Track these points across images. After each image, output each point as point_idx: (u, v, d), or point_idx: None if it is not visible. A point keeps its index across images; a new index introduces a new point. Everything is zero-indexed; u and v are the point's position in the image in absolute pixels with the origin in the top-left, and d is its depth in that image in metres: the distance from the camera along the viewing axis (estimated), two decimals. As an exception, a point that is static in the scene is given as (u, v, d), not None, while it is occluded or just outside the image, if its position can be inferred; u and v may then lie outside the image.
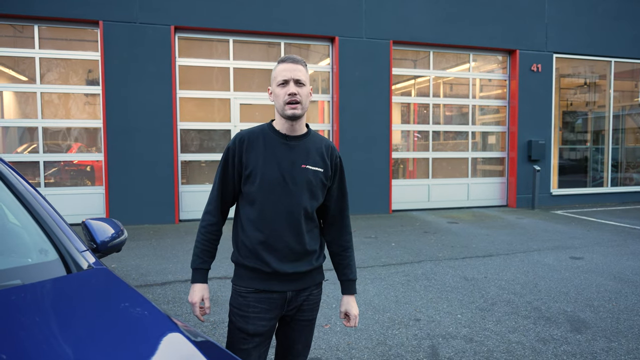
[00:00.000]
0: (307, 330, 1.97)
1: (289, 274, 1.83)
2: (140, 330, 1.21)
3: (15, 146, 8.29)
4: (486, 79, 10.47)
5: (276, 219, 1.81)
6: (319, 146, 1.90)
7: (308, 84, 1.85)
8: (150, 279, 5.08)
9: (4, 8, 7.41)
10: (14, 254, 1.55)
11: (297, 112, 1.79)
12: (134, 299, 1.36)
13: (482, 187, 10.37)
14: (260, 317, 1.82)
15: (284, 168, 1.81)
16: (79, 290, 1.39)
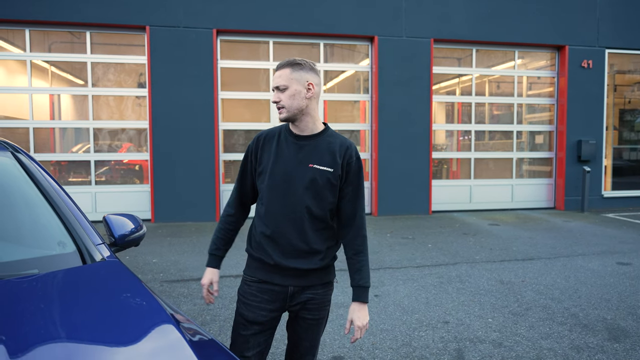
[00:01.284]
0: (313, 329, 1.98)
1: (291, 269, 1.88)
2: (133, 318, 1.29)
3: (71, 146, 8.80)
4: (533, 76, 10.11)
5: (280, 216, 1.87)
6: (333, 146, 1.89)
7: (295, 84, 1.83)
8: (187, 274, 5.26)
9: (60, 16, 7.87)
10: (35, 246, 1.67)
11: (282, 116, 1.85)
12: (135, 290, 1.45)
13: (527, 188, 10.02)
14: (260, 306, 1.89)
15: (290, 167, 1.87)
16: (86, 280, 1.49)
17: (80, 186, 8.44)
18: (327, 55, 9.16)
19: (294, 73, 1.84)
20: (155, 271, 5.36)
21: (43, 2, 7.78)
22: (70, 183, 8.50)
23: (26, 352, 1.07)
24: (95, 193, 8.40)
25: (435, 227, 7.97)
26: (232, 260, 5.80)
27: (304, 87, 1.84)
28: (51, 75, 8.64)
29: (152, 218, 8.34)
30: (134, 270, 5.30)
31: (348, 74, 9.42)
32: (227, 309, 4.18)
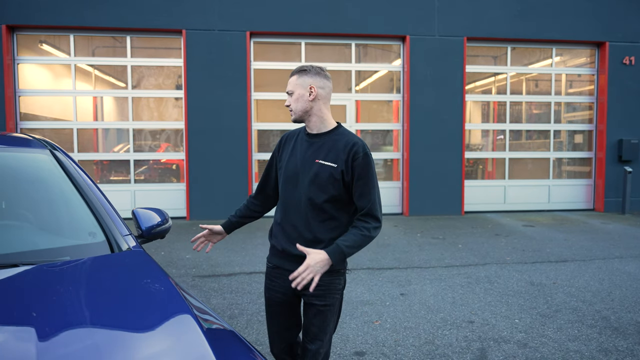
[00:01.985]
0: (321, 315, 2.05)
1: (296, 256, 2.00)
2: (152, 304, 1.40)
3: (113, 146, 9.19)
4: (571, 74, 9.83)
5: (289, 207, 2.07)
6: (339, 143, 2.02)
7: (299, 89, 2.02)
8: (218, 269, 5.43)
9: (103, 21, 8.24)
10: (68, 235, 1.82)
11: (292, 118, 2.08)
12: (155, 277, 1.56)
13: (565, 189, 9.75)
14: (275, 290, 2.13)
15: (300, 162, 2.06)
16: (113, 267, 1.62)
17: (120, 184, 8.80)
18: (361, 55, 9.20)
19: (299, 79, 2.04)
20: (188, 266, 5.55)
21: (87, 9, 8.16)
22: (111, 181, 8.88)
23: (53, 335, 1.17)
24: (134, 191, 8.73)
25: (466, 228, 7.89)
26: (262, 258, 5.94)
27: (306, 91, 2.02)
28: (94, 78, 9.05)
29: (187, 215, 8.61)
30: (168, 265, 5.53)
31: (381, 74, 9.43)
32: (254, 304, 4.30)
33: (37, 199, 1.93)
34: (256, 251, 6.24)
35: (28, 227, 1.83)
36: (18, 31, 8.32)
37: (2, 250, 1.60)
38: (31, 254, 1.62)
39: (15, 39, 8.33)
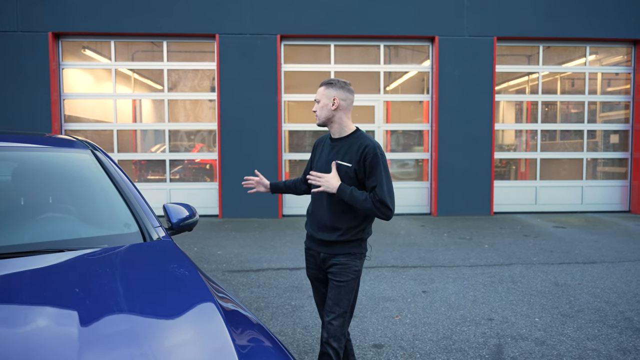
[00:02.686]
0: (336, 290, 2.38)
1: (320, 240, 2.45)
2: (177, 288, 1.59)
3: (150, 146, 9.60)
4: (606, 73, 9.61)
5: (316, 200, 2.49)
6: (354, 146, 2.39)
7: (325, 98, 2.40)
8: (247, 265, 5.65)
9: (141, 28, 8.63)
10: (106, 226, 2.04)
11: (317, 122, 2.48)
12: (182, 264, 1.75)
13: (599, 190, 9.55)
14: (309, 267, 2.60)
15: (324, 162, 2.47)
16: (143, 254, 1.82)
17: (157, 183, 9.19)
18: (392, 56, 9.29)
19: (325, 90, 2.42)
20: (219, 262, 5.80)
21: (126, 16, 8.57)
22: (148, 180, 9.28)
23: (93, 318, 1.33)
24: (169, 190, 9.11)
25: (495, 228, 7.86)
26: (289, 255, 6.14)
27: (330, 101, 2.39)
28: (134, 82, 9.48)
29: (219, 214, 8.91)
30: (200, 260, 5.80)
31: (411, 75, 9.48)
32: (280, 298, 4.49)
33: (79, 194, 2.17)
34: (284, 249, 6.44)
35: (72, 219, 2.06)
36: (63, 38, 8.82)
37: (50, 238, 1.83)
38: (74, 241, 1.84)
39: (60, 46, 8.83)
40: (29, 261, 1.61)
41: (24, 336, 1.23)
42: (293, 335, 3.65)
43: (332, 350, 2.33)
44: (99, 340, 1.25)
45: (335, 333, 2.33)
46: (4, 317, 1.32)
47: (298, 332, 3.70)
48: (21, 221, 1.95)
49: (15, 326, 1.27)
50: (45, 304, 1.40)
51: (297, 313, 4.11)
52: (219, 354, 1.23)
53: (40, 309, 1.38)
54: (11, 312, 1.35)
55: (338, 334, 2.34)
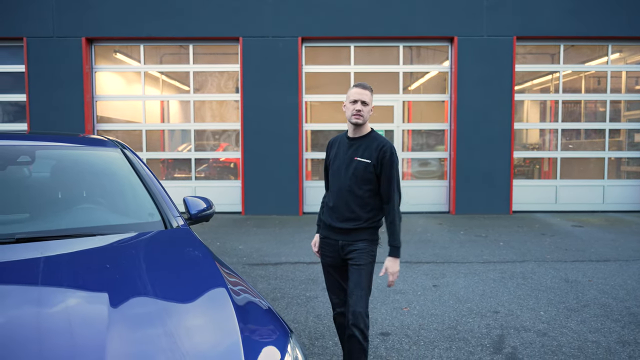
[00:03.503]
0: (356, 273, 2.65)
1: (339, 229, 2.70)
2: (192, 271, 1.85)
3: (177, 146, 10.00)
4: (631, 71, 9.52)
5: (335, 193, 2.72)
6: (373, 144, 2.67)
7: (370, 104, 2.67)
8: (267, 259, 5.92)
9: (169, 32, 9.02)
10: (133, 215, 2.32)
11: (359, 121, 2.64)
12: (198, 248, 2.01)
13: (621, 189, 9.47)
14: (326, 254, 2.81)
15: (343, 160, 2.71)
16: (165, 240, 2.10)
17: (183, 181, 9.57)
18: (413, 56, 9.43)
19: (372, 96, 2.70)
20: (240, 255, 6.08)
21: (155, 21, 8.97)
22: (175, 178, 9.67)
23: (121, 297, 1.53)
24: (195, 187, 9.47)
25: (512, 227, 7.93)
26: (307, 250, 6.37)
27: (371, 109, 2.70)
28: (162, 84, 9.89)
29: (242, 210, 9.22)
30: (222, 254, 6.10)
31: (431, 75, 9.60)
32: (295, 289, 4.73)
33: (110, 188, 2.46)
34: (302, 244, 6.68)
35: (103, 209, 2.35)
36: (95, 43, 9.28)
37: (85, 225, 2.11)
38: (105, 227, 2.12)
39: (93, 50, 9.29)
40: (68, 243, 1.90)
41: (64, 306, 1.49)
42: (305, 322, 3.88)
43: (358, 331, 2.56)
44: (126, 313, 1.47)
45: (360, 314, 2.58)
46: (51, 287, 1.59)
47: (310, 320, 3.93)
48: (60, 210, 2.24)
49: (56, 295, 1.54)
50: (81, 279, 1.67)
51: (311, 303, 4.34)
52: (225, 330, 1.44)
53: (77, 283, 1.64)
54: (57, 282, 1.62)
55: (363, 314, 2.59)
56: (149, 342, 1.30)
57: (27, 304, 1.46)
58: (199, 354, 1.29)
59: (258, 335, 1.43)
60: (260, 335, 1.45)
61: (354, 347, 2.57)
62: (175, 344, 1.27)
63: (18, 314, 1.41)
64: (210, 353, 1.33)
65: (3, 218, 2.08)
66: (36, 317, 1.39)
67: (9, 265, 1.69)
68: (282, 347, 1.43)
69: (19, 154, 2.35)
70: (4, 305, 1.44)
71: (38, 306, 1.44)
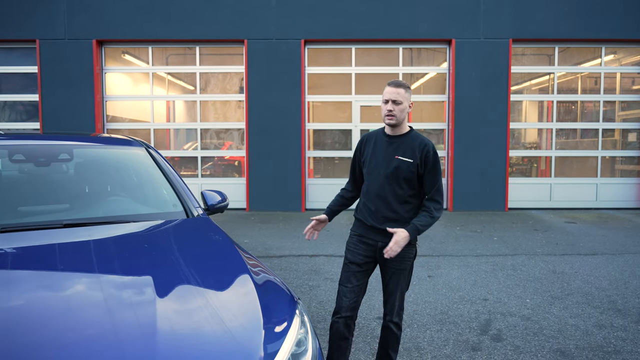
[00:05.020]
0: (396, 276, 2.67)
1: (380, 230, 2.61)
2: (212, 248, 2.18)
3: (183, 144, 10.33)
4: (624, 72, 9.81)
5: (374, 192, 2.63)
6: (414, 143, 2.60)
7: (406, 102, 2.56)
8: (271, 252, 6.25)
9: (176, 34, 9.34)
10: (160, 206, 2.65)
11: (392, 122, 2.58)
12: (218, 233, 2.34)
13: (614, 187, 9.77)
14: (358, 252, 2.69)
15: (382, 158, 2.63)
16: (189, 226, 2.43)
17: (188, 178, 9.90)
18: (413, 58, 9.74)
19: (406, 93, 2.57)
20: (246, 249, 6.36)
21: (163, 24, 9.30)
22: (182, 175, 9.96)
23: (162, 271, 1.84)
24: (201, 184, 9.80)
25: (507, 223, 8.24)
26: (310, 244, 6.69)
27: (408, 104, 2.59)
28: (168, 84, 10.21)
29: (247, 207, 9.55)
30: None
31: (431, 76, 9.91)
32: (299, 279, 5.05)
33: (138, 182, 2.79)
34: (305, 238, 6.99)
35: (132, 200, 2.68)
36: (105, 45, 9.61)
37: (118, 213, 2.44)
38: (136, 216, 2.46)
39: (103, 52, 9.62)
40: (108, 228, 2.24)
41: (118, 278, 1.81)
42: (309, 309, 4.21)
43: (394, 325, 2.72)
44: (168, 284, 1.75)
45: (398, 312, 2.71)
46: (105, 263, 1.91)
47: (313, 307, 4.25)
48: (95, 201, 2.57)
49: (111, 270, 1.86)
50: (127, 256, 2.00)
51: (314, 292, 4.66)
52: (247, 300, 1.73)
53: (125, 259, 1.97)
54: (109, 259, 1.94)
55: (400, 312, 2.72)
56: (190, 309, 1.61)
57: (86, 278, 1.78)
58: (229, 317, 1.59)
59: (272, 303, 1.76)
60: (274, 302, 1.78)
61: (392, 337, 2.75)
62: (215, 313, 1.58)
63: (80, 287, 1.73)
64: (236, 314, 1.64)
65: (49, 208, 2.41)
66: (98, 288, 1.70)
67: (67, 246, 2.01)
68: (291, 311, 1.76)
69: (59, 152, 2.67)
70: (67, 279, 1.77)
71: (97, 280, 1.76)
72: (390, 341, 2.78)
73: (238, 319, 1.57)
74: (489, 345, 3.46)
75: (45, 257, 1.88)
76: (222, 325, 1.51)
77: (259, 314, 1.63)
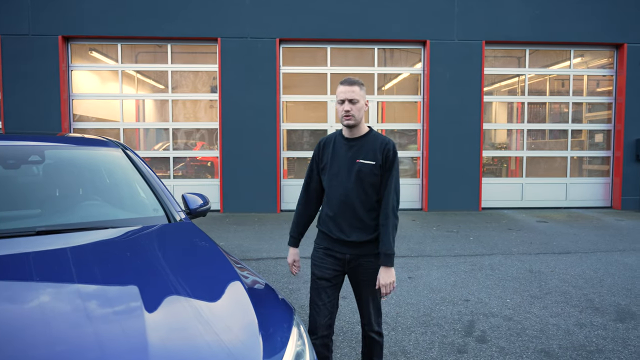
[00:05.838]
0: (367, 287, 2.49)
1: (348, 242, 2.45)
2: (199, 255, 2.05)
3: (153, 144, 10.04)
4: (590, 75, 10.09)
5: (337, 200, 2.45)
6: (375, 144, 2.44)
7: (362, 99, 2.40)
8: (248, 255, 6.11)
9: (146, 31, 9.07)
10: (139, 211, 2.50)
11: (351, 123, 2.41)
12: (202, 239, 2.21)
13: (582, 187, 10.03)
14: (326, 267, 2.51)
15: (343, 163, 2.45)
16: (172, 232, 2.29)
17: (161, 179, 9.63)
18: (386, 58, 9.74)
19: (361, 91, 2.41)
20: (216, 243, 6.25)
21: (132, 21, 9.01)
22: (152, 177, 9.71)
23: (148, 282, 1.70)
24: (173, 186, 9.55)
25: (481, 223, 8.34)
26: (286, 246, 6.58)
27: (364, 103, 2.44)
28: (137, 82, 9.91)
29: (221, 209, 9.36)
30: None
31: (404, 76, 9.95)
32: (278, 282, 4.95)
33: (116, 185, 2.63)
34: (282, 240, 6.89)
35: (110, 204, 2.52)
36: (72, 41, 9.25)
37: (95, 219, 2.29)
38: (117, 221, 2.30)
39: (69, 49, 9.26)
40: (85, 235, 2.08)
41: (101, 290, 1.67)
42: (290, 313, 4.11)
43: (375, 334, 2.59)
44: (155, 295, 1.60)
45: (377, 320, 2.58)
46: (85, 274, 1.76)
47: (295, 311, 4.16)
48: (70, 206, 2.41)
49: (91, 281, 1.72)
50: (108, 265, 1.86)
51: (294, 295, 4.57)
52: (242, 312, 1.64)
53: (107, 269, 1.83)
54: (88, 269, 1.79)
55: (378, 319, 2.59)
56: (181, 322, 1.49)
57: (66, 289, 1.63)
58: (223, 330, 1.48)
59: (268, 314, 1.66)
60: (270, 313, 1.68)
61: (374, 345, 2.62)
62: (209, 326, 1.47)
63: (60, 299, 1.58)
64: (231, 327, 1.54)
65: (18, 213, 2.24)
66: (79, 300, 1.56)
67: (41, 255, 1.86)
68: (288, 322, 1.67)
69: (30, 154, 2.49)
70: (44, 290, 1.62)
71: (77, 291, 1.61)
72: (374, 349, 2.66)
73: (234, 332, 1.47)
74: (475, 347, 3.44)
75: (19, 267, 1.73)
76: (218, 339, 1.41)
77: (256, 326, 1.53)
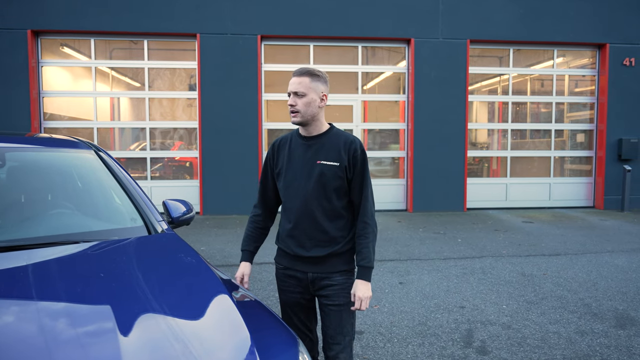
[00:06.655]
0: (336, 316, 2.09)
1: (308, 258, 2.10)
2: (184, 270, 1.80)
3: (129, 144, 9.64)
4: (572, 75, 10.09)
5: (296, 210, 2.09)
6: (338, 142, 2.08)
7: (312, 92, 2.02)
8: (230, 260, 5.84)
9: (122, 27, 8.68)
10: (114, 220, 2.22)
11: (296, 120, 2.04)
12: (187, 253, 1.96)
13: (566, 187, 10.03)
14: (290, 289, 2.17)
15: (301, 165, 2.09)
16: (151, 245, 2.02)
17: (137, 181, 9.24)
18: (369, 56, 9.55)
19: (312, 83, 2.03)
20: (204, 257, 5.96)
21: (107, 15, 8.61)
22: (128, 178, 9.32)
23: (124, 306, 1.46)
24: (150, 187, 9.18)
25: (467, 224, 8.22)
26: (271, 250, 6.33)
27: (319, 97, 2.04)
28: (112, 80, 9.50)
29: (200, 211, 9.04)
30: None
31: (387, 75, 9.78)
32: (264, 290, 4.70)
33: (88, 192, 2.34)
34: (266, 244, 6.56)
35: (82, 214, 2.24)
36: (42, 36, 8.79)
37: (65, 231, 2.01)
38: (88, 234, 2.02)
39: (39, 43, 8.80)
40: (52, 251, 1.79)
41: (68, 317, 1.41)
42: (279, 324, 3.86)
43: None
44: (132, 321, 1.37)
45: None
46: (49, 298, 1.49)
47: (283, 321, 3.91)
48: (36, 217, 2.12)
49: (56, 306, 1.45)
50: (77, 287, 1.59)
51: (282, 304, 4.32)
52: (233, 327, 1.44)
53: (75, 292, 1.56)
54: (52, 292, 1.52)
55: None
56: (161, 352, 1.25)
57: (26, 315, 1.37)
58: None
59: (271, 344, 1.42)
60: (273, 343, 1.44)
61: None
62: (190, 353, 1.24)
63: (19, 327, 1.32)
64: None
65: (-26, 226, 1.95)
66: (39, 329, 1.30)
67: (1, 274, 1.57)
68: (294, 354, 1.44)
69: (-13, 157, 2.20)
70: (9, 314, 1.35)
71: (38, 317, 1.35)
72: None
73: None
74: (476, 360, 3.26)
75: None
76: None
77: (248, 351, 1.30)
